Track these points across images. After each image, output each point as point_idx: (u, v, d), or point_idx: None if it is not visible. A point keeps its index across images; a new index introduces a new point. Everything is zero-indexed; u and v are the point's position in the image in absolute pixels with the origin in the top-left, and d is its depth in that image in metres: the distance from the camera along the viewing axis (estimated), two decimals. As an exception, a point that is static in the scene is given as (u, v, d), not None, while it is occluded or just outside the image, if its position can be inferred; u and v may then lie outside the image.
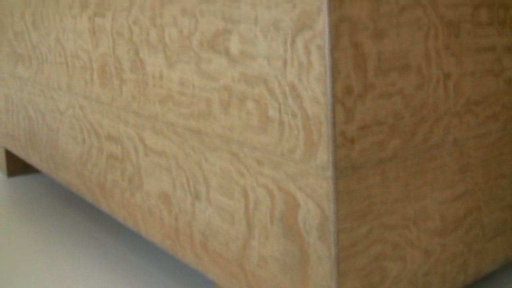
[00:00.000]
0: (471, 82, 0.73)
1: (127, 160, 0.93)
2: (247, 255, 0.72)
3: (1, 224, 1.28)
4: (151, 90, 0.84)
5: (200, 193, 0.78)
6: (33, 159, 1.34)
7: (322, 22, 0.57)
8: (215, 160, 0.74)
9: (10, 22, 1.37)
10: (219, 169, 0.74)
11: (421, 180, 0.69)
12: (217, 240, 0.76)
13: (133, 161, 0.92)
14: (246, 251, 0.72)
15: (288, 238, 0.65)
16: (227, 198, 0.73)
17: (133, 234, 1.19)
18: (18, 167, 1.65)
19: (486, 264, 0.80)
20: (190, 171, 0.79)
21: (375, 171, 0.63)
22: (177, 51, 0.77)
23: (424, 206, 0.70)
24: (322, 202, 0.61)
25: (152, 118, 0.85)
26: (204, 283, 0.95)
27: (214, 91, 0.72)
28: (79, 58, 1.03)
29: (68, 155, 1.14)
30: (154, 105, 0.84)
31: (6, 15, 1.38)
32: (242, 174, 0.70)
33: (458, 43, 0.71)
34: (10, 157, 1.62)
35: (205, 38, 0.72)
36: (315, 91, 0.59)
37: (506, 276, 0.92)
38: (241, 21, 0.67)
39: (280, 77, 0.63)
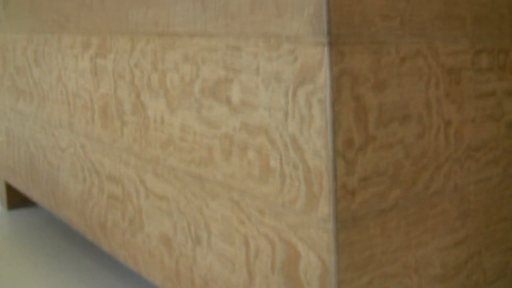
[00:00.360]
0: (472, 128, 0.73)
1: (128, 201, 0.93)
2: (248, 302, 0.72)
3: (1, 258, 1.28)
4: (152, 134, 0.84)
5: (201, 238, 0.78)
6: (33, 194, 1.34)
7: (324, 76, 0.57)
8: (216, 207, 0.74)
9: (12, 57, 1.37)
10: (220, 216, 0.74)
11: (422, 228, 0.69)
12: (218, 286, 0.76)
13: (134, 203, 0.92)
14: (247, 298, 0.72)
15: (289, 288, 0.65)
16: (228, 245, 0.73)
17: (134, 274, 1.19)
18: (18, 200, 1.65)
19: (487, 309, 0.80)
20: (191, 216, 0.79)
21: (376, 221, 0.63)
22: (178, 97, 0.78)
23: (425, 253, 0.69)
24: (323, 254, 0.61)
25: (153, 162, 0.85)
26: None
27: (215, 139, 0.72)
28: (80, 97, 1.04)
29: (68, 193, 1.14)
30: (155, 149, 0.84)
31: (8, 49, 1.39)
32: (243, 222, 0.70)
33: (459, 90, 0.71)
34: (10, 190, 1.62)
35: (207, 85, 0.73)
36: (316, 145, 0.59)
37: (508, 318, 0.91)
38: (243, 71, 0.67)
39: (281, 128, 0.63)
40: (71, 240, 1.39)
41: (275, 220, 0.66)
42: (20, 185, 1.43)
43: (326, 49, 0.57)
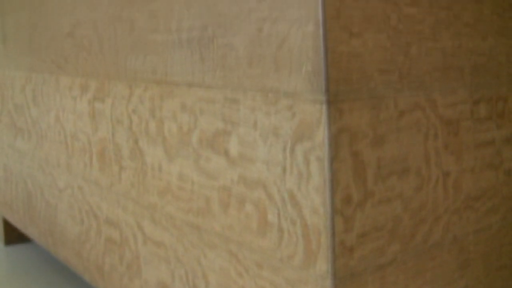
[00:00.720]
0: (471, 178, 0.73)
1: (125, 245, 0.93)
2: None
3: (-2, 299, 1.27)
4: (150, 181, 0.84)
5: (198, 288, 0.77)
6: (30, 232, 1.34)
7: (322, 134, 0.57)
8: (214, 258, 0.74)
9: (10, 94, 1.37)
10: (218, 267, 0.73)
11: (421, 281, 0.68)
12: (216, 337, 0.75)
13: (132, 248, 0.91)
14: None
15: None
16: (226, 296, 0.73)
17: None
18: (15, 236, 1.64)
19: None
20: (189, 265, 0.78)
21: (375, 276, 0.63)
22: (176, 146, 0.77)
23: (425, 306, 0.69)
24: (322, 311, 0.60)
25: (151, 208, 0.84)
26: None
27: (213, 190, 0.72)
28: (78, 139, 1.04)
29: (66, 233, 1.14)
30: (153, 196, 0.84)
31: (7, 87, 1.39)
32: (241, 274, 0.70)
33: (458, 141, 0.71)
34: (8, 225, 1.61)
35: (205, 136, 0.72)
36: (314, 202, 0.59)
37: None
38: (241, 124, 0.67)
39: (279, 183, 0.63)
40: (68, 277, 1.38)
41: (273, 274, 0.65)
42: (18, 222, 1.42)
43: (324, 107, 0.57)
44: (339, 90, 0.58)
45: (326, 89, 0.57)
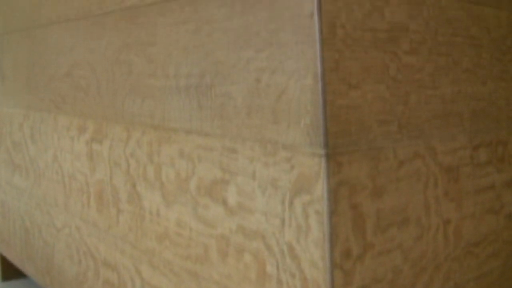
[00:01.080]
0: (471, 223, 0.72)
1: (123, 288, 0.92)
2: None
3: (-6, 338, 1.26)
4: (148, 225, 0.83)
5: (196, 336, 0.76)
6: (28, 269, 1.32)
7: (321, 188, 0.57)
8: (212, 307, 0.73)
9: (8, 131, 1.37)
10: (216, 316, 0.72)
11: (422, 330, 0.67)
12: None
13: (129, 291, 0.90)
14: None
15: None
16: None
17: None
18: (12, 271, 1.63)
19: None
20: (187, 313, 0.77)
21: (375, 329, 0.62)
22: (174, 192, 0.77)
23: None
24: None
25: (149, 253, 0.84)
26: None
27: (211, 238, 0.71)
28: (76, 179, 1.03)
29: (64, 273, 1.13)
30: (151, 240, 0.83)
31: (5, 123, 1.39)
32: (239, 325, 0.69)
33: (458, 188, 0.70)
34: (5, 261, 1.60)
35: (203, 184, 0.72)
36: (313, 255, 0.58)
37: None
38: (239, 174, 0.66)
39: (278, 235, 0.62)
40: (66, 314, 1.37)
41: (272, 326, 0.64)
42: (15, 259, 1.41)
43: (323, 160, 0.56)
44: (338, 142, 0.57)
45: (325, 143, 0.56)
